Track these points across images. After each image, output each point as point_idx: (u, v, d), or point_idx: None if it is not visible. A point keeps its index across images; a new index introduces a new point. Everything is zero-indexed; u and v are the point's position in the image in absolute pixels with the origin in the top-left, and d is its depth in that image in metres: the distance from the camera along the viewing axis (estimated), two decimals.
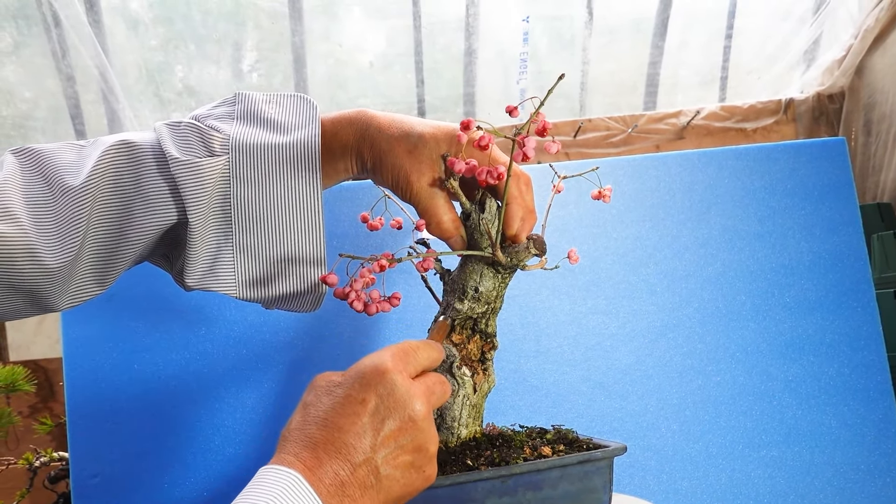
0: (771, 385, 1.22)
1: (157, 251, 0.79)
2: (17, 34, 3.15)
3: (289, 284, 0.77)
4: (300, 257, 0.76)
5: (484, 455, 0.81)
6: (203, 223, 0.73)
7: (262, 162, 0.74)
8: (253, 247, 0.75)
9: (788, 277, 1.26)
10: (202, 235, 0.73)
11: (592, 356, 1.23)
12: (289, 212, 0.75)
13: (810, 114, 3.34)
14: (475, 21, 3.28)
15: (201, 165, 0.73)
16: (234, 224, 0.74)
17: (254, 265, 0.76)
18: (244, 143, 0.74)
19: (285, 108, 0.80)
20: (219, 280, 0.75)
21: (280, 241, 0.75)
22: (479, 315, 0.86)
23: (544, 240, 0.83)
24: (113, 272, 0.76)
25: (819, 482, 1.19)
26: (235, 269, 0.75)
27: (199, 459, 1.20)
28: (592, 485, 0.78)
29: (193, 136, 0.75)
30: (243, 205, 0.74)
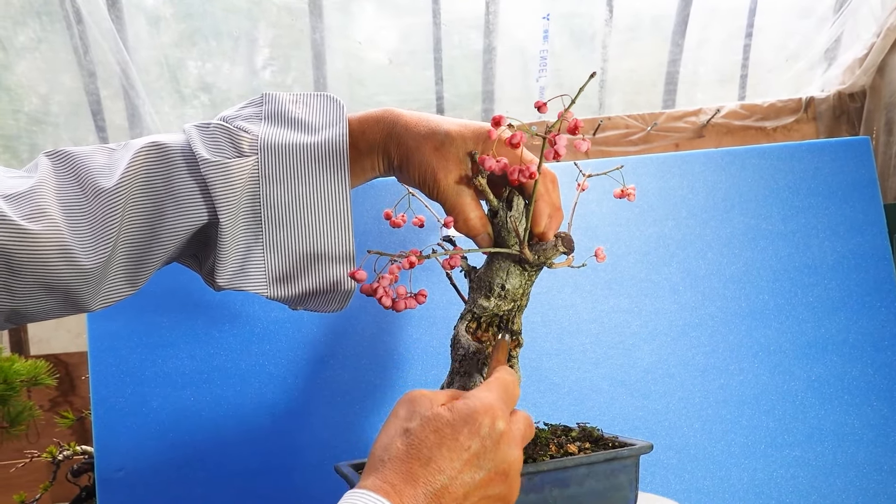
0: (793, 385, 1.22)
1: (186, 251, 0.80)
2: (40, 30, 3.17)
3: (318, 282, 0.78)
4: (330, 255, 0.77)
5: None
6: (233, 223, 0.74)
7: (291, 161, 0.75)
8: (283, 245, 0.76)
9: (811, 277, 1.25)
10: (232, 235, 0.74)
11: (614, 355, 1.23)
12: (318, 210, 0.76)
13: (831, 112, 3.32)
14: (495, 18, 3.28)
15: (231, 166, 0.74)
16: (264, 223, 0.75)
17: (284, 264, 0.76)
18: (273, 143, 0.75)
19: (312, 107, 0.81)
20: (249, 279, 0.76)
21: (310, 239, 0.76)
22: (505, 312, 0.86)
23: (572, 237, 0.83)
24: (145, 272, 0.77)
25: (842, 482, 1.19)
26: (266, 268, 0.76)
27: (222, 454, 1.21)
28: (619, 482, 0.78)
29: (223, 137, 0.76)
30: (273, 204, 0.75)
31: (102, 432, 1.21)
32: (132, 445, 1.21)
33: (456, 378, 0.87)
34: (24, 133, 3.32)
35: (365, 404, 1.23)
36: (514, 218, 0.83)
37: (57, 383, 2.24)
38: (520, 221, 0.83)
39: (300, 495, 1.20)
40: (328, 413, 1.22)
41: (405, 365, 1.23)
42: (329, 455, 1.20)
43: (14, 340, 3.30)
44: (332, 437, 1.21)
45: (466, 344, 0.86)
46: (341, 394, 1.23)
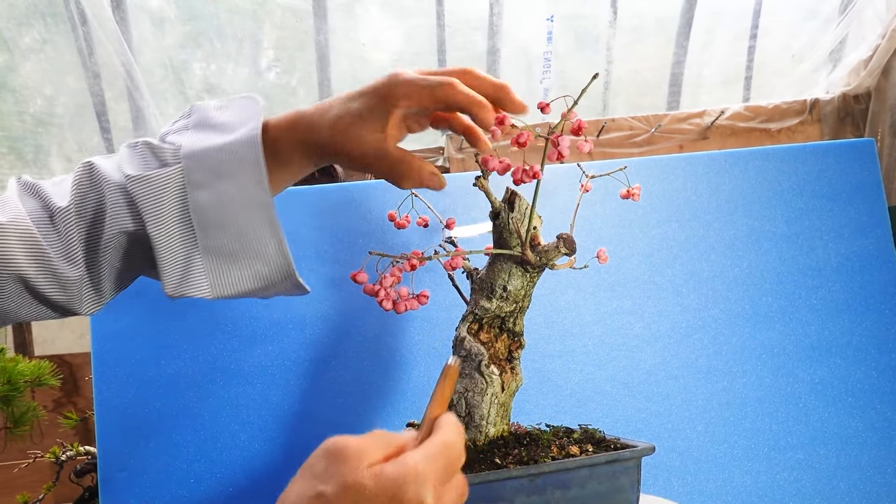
0: (797, 387, 1.22)
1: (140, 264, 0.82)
2: (45, 31, 3.18)
3: (257, 279, 0.79)
4: (264, 251, 0.78)
5: (512, 454, 0.81)
6: (166, 233, 0.75)
7: (212, 164, 0.76)
8: (218, 247, 0.76)
9: (815, 279, 1.25)
10: (168, 245, 0.75)
11: (617, 356, 1.23)
12: (243, 207, 0.76)
13: (836, 114, 3.31)
14: (498, 20, 3.28)
15: (153, 177, 0.75)
16: (197, 228, 0.76)
17: (223, 265, 0.77)
18: (194, 149, 0.76)
19: (232, 110, 0.81)
20: (193, 285, 0.77)
21: (241, 237, 0.76)
22: (506, 314, 0.87)
23: (573, 239, 0.83)
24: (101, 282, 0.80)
25: (845, 485, 1.19)
26: (207, 271, 0.77)
27: (224, 455, 1.21)
28: (620, 484, 0.78)
29: (148, 152, 0.78)
30: (202, 208, 0.75)
31: (105, 432, 1.21)
32: (134, 446, 1.21)
33: (461, 379, 0.87)
34: (30, 134, 3.33)
35: (367, 405, 1.23)
36: (516, 219, 0.83)
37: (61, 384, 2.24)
38: (521, 223, 0.83)
39: None
40: (330, 414, 1.22)
41: (407, 366, 1.23)
42: None
43: (18, 341, 3.30)
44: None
45: (468, 345, 0.86)
46: (344, 395, 1.23)
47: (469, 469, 0.79)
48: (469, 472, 0.78)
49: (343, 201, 1.27)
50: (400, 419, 1.22)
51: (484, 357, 0.85)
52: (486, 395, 0.85)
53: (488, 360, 0.85)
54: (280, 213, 1.25)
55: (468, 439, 0.86)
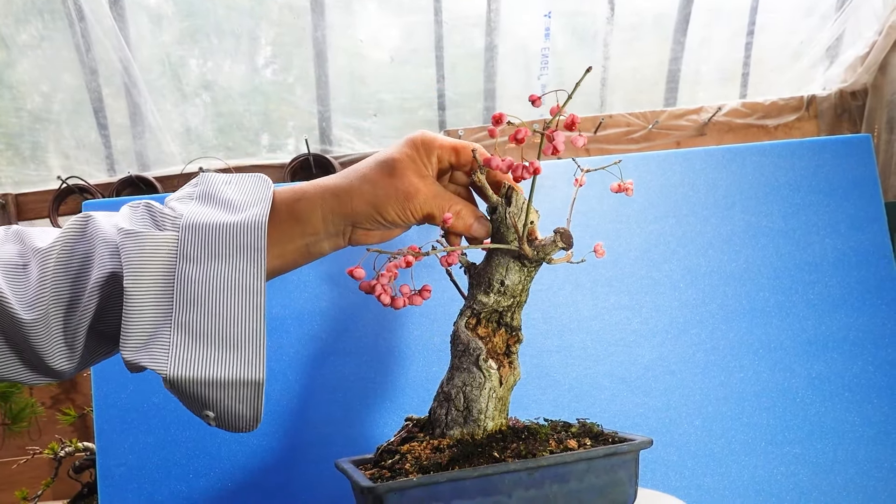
0: (794, 382, 1.22)
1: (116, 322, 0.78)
2: (43, 28, 3.17)
3: (226, 369, 0.73)
4: (239, 342, 0.74)
5: (510, 448, 0.81)
6: (142, 294, 0.72)
7: (210, 241, 0.74)
8: (192, 326, 0.73)
9: (812, 274, 1.25)
10: (139, 307, 0.72)
11: (615, 351, 1.24)
12: (232, 293, 0.73)
13: (833, 111, 3.32)
14: (496, 17, 3.28)
15: (145, 236, 0.73)
16: (175, 300, 0.73)
17: (190, 344, 0.73)
18: (194, 221, 0.75)
19: (243, 187, 0.80)
20: (152, 356, 0.72)
21: (220, 322, 0.73)
22: (504, 308, 0.87)
23: (570, 233, 0.84)
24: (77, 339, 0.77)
25: (842, 479, 1.19)
26: (171, 347, 0.72)
27: (224, 450, 1.21)
28: (618, 478, 0.79)
29: (146, 214, 0.77)
30: (187, 282, 0.73)
31: (104, 428, 1.22)
32: (134, 441, 1.21)
33: (455, 374, 0.88)
34: (27, 131, 3.33)
35: (366, 400, 1.23)
36: (514, 214, 0.83)
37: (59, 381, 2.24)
38: (519, 217, 0.83)
39: (301, 490, 1.20)
40: (329, 408, 1.23)
41: (406, 361, 1.24)
42: (330, 450, 1.21)
43: None
44: (333, 433, 1.22)
45: (466, 340, 0.86)
46: (342, 390, 1.23)
47: (467, 463, 0.79)
48: (467, 466, 0.78)
49: None
50: (398, 414, 1.23)
51: (482, 351, 0.85)
52: (484, 389, 0.85)
53: (486, 354, 0.85)
54: None
55: (466, 433, 0.86)
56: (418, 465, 0.80)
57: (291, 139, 3.52)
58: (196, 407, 0.76)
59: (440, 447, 0.85)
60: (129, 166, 3.42)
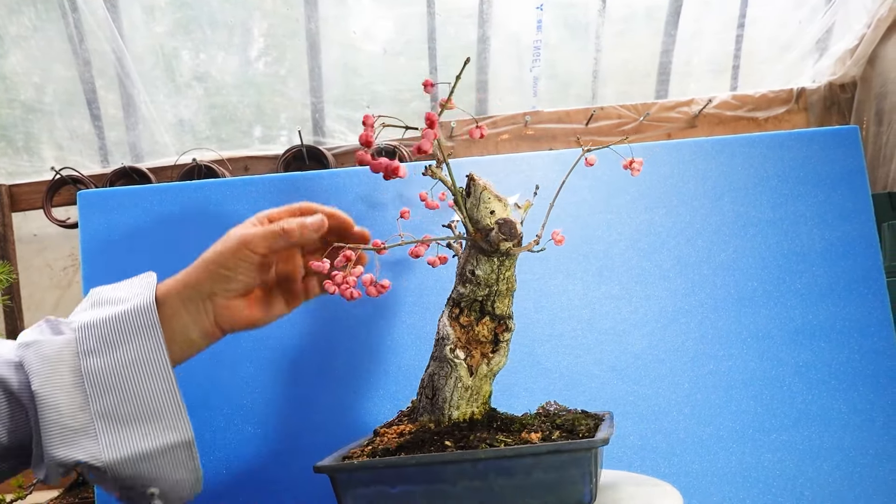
0: (781, 370, 1.24)
1: (16, 435, 0.79)
2: (35, 18, 3.17)
3: (157, 440, 0.77)
4: (159, 412, 0.77)
5: (471, 437, 0.82)
6: (53, 394, 0.74)
7: (105, 332, 0.77)
8: (112, 411, 0.76)
9: (800, 264, 1.27)
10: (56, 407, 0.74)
11: (605, 340, 1.25)
12: (139, 372, 0.76)
13: (822, 103, 3.34)
14: (489, 9, 3.29)
15: (45, 343, 0.76)
16: (89, 392, 0.75)
17: (115, 428, 0.76)
18: (88, 321, 0.78)
19: (127, 286, 0.84)
20: (82, 447, 0.75)
21: (137, 401, 0.76)
22: (483, 298, 0.87)
23: (514, 223, 0.83)
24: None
25: (828, 466, 1.21)
26: (97, 435, 0.75)
27: (218, 437, 1.23)
28: (570, 475, 0.77)
29: (46, 326, 0.80)
30: (95, 374, 0.76)
31: None
32: None
33: (431, 362, 0.89)
34: (20, 122, 3.33)
35: (358, 389, 1.24)
36: (473, 205, 0.83)
37: None
38: (477, 208, 0.83)
39: (296, 479, 1.22)
40: (321, 398, 1.24)
41: (399, 350, 1.25)
42: (324, 439, 1.22)
43: (10, 329, 3.31)
44: (326, 421, 1.23)
45: (441, 329, 0.87)
46: (334, 379, 1.24)
47: (416, 450, 0.81)
48: (416, 453, 0.80)
49: (333, 187, 1.29)
50: (390, 403, 1.24)
51: (450, 341, 0.86)
52: (450, 378, 0.86)
53: (454, 344, 0.86)
54: (269, 199, 1.27)
55: (432, 420, 0.87)
56: (377, 449, 0.82)
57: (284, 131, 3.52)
58: (137, 488, 0.78)
59: (404, 433, 0.87)
60: (122, 157, 3.42)
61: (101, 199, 1.29)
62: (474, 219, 0.83)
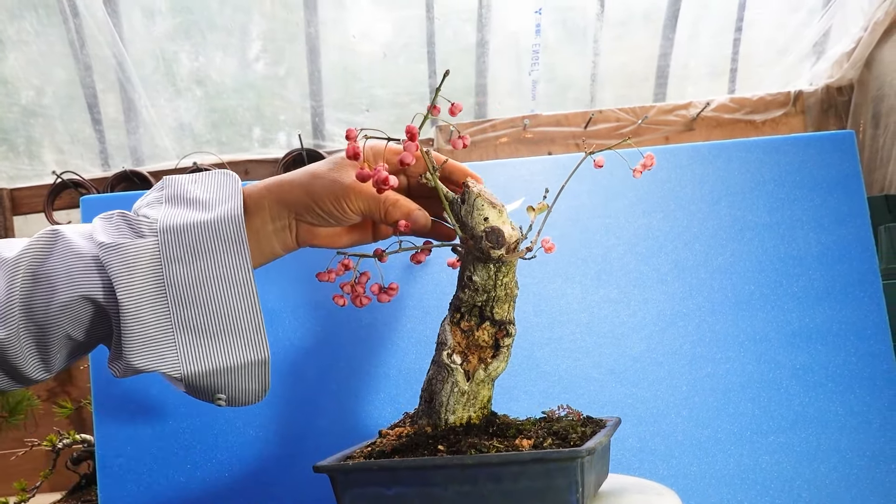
0: (779, 373, 1.25)
1: (96, 334, 0.80)
2: (37, 23, 3.18)
3: (233, 357, 0.78)
4: (239, 329, 0.78)
5: (463, 442, 0.82)
6: (137, 304, 0.74)
7: (190, 240, 0.76)
8: (192, 323, 0.76)
9: (796, 268, 1.28)
10: (138, 316, 0.74)
11: (604, 344, 1.26)
12: (222, 285, 0.76)
13: (819, 106, 3.35)
14: (487, 12, 3.30)
15: (128, 247, 0.75)
16: (171, 302, 0.75)
17: (195, 340, 0.76)
18: (171, 224, 0.77)
19: (209, 185, 0.82)
20: (161, 358, 0.76)
21: (218, 314, 0.76)
22: (482, 303, 0.88)
23: (501, 231, 0.83)
24: (53, 353, 0.79)
25: (825, 467, 1.22)
26: (177, 347, 0.76)
27: (221, 440, 1.23)
28: (555, 484, 0.77)
29: (123, 224, 0.78)
30: (177, 283, 0.75)
31: (103, 419, 1.24)
32: (132, 432, 1.23)
33: (431, 366, 0.90)
34: (21, 125, 3.34)
35: (360, 392, 1.25)
36: (467, 212, 0.84)
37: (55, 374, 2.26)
38: (470, 215, 0.84)
39: (298, 481, 1.23)
40: (324, 400, 1.25)
41: (400, 353, 1.26)
42: (326, 441, 1.23)
43: None
44: (328, 424, 1.24)
45: (441, 334, 0.88)
46: (337, 381, 1.25)
47: (410, 453, 0.81)
48: (409, 456, 0.81)
49: None
50: (393, 406, 1.25)
51: (447, 346, 0.87)
52: (446, 383, 0.86)
53: (451, 349, 0.87)
54: None
55: (429, 424, 0.88)
56: (375, 451, 0.83)
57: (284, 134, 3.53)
58: (207, 395, 0.79)
59: (402, 435, 0.87)
60: (123, 161, 3.43)
61: (104, 205, 1.30)
62: (468, 226, 0.84)
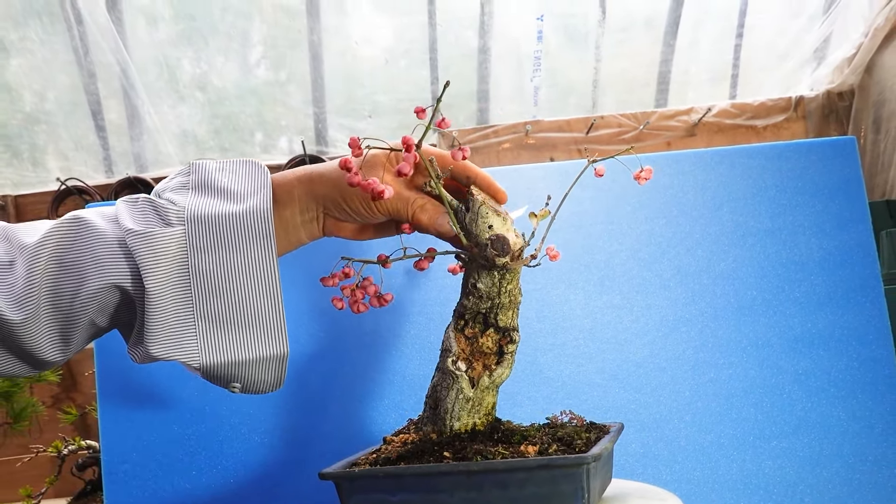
0: (781, 378, 1.25)
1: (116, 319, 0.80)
2: (41, 31, 3.19)
3: (253, 350, 0.78)
4: (260, 323, 0.78)
5: (468, 448, 0.82)
6: (161, 291, 0.74)
7: (218, 231, 0.76)
8: (214, 314, 0.76)
9: (798, 273, 1.28)
10: (162, 303, 0.75)
11: (607, 349, 1.26)
12: (247, 279, 0.76)
13: (820, 111, 3.35)
14: (490, 19, 3.30)
15: (157, 235, 0.75)
16: (194, 292, 0.75)
17: (216, 331, 0.77)
18: (199, 213, 0.77)
19: (238, 175, 0.82)
20: (181, 348, 0.76)
21: (241, 307, 0.77)
22: (486, 310, 0.88)
23: (506, 239, 0.83)
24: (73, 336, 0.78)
25: (827, 473, 1.22)
26: (198, 336, 0.76)
27: (226, 446, 1.24)
28: (561, 490, 0.78)
29: (150, 210, 0.78)
30: (202, 273, 0.75)
31: (108, 425, 1.24)
32: (137, 438, 1.24)
33: (436, 373, 0.90)
34: (25, 132, 3.35)
35: (364, 398, 1.26)
36: (472, 219, 0.85)
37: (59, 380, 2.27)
38: (475, 222, 0.85)
39: (303, 488, 1.23)
40: (329, 406, 1.25)
41: (404, 359, 1.26)
42: (330, 447, 1.23)
43: None
44: (334, 430, 1.24)
45: (445, 341, 0.89)
46: (341, 388, 1.26)
47: (415, 460, 0.82)
48: (414, 462, 0.81)
49: None
50: (397, 412, 1.25)
51: (451, 353, 0.87)
52: (451, 390, 0.87)
53: (456, 356, 0.87)
54: None
55: (434, 431, 0.88)
56: (380, 458, 0.84)
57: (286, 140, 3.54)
58: (222, 382, 0.80)
59: (407, 442, 0.88)
60: (126, 167, 3.44)
61: None
62: (472, 233, 0.84)
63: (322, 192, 0.83)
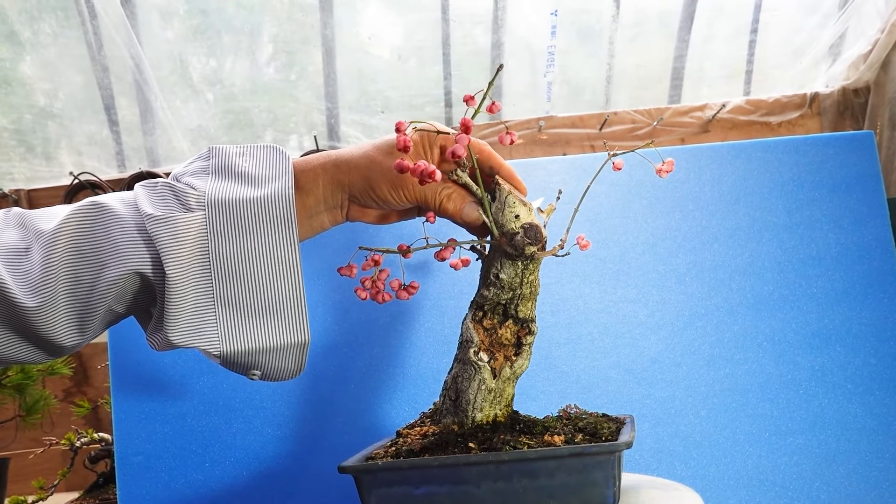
0: (798, 374, 1.24)
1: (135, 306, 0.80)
2: (56, 25, 3.20)
3: (273, 337, 0.77)
4: (281, 309, 0.77)
5: (494, 439, 0.82)
6: (182, 277, 0.74)
7: (239, 217, 0.75)
8: (234, 301, 0.75)
9: (815, 268, 1.27)
10: (182, 290, 0.74)
11: (622, 344, 1.26)
12: (268, 265, 0.76)
13: (835, 108, 3.34)
14: (503, 14, 3.30)
15: (177, 220, 0.74)
16: (214, 279, 0.74)
17: (237, 318, 0.76)
18: (219, 198, 0.76)
19: (258, 159, 0.81)
20: (201, 335, 0.75)
21: (261, 294, 0.76)
22: (506, 301, 0.88)
23: (539, 228, 0.83)
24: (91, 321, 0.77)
25: (844, 469, 1.21)
26: (218, 323, 0.75)
27: (239, 439, 1.24)
28: (593, 478, 0.77)
29: (169, 194, 0.76)
30: (223, 259, 0.75)
31: (121, 417, 1.24)
32: (151, 430, 1.24)
33: (455, 364, 0.89)
34: (39, 127, 3.36)
35: (378, 392, 1.25)
36: (498, 209, 0.84)
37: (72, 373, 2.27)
38: (502, 212, 0.84)
39: (316, 480, 1.23)
40: (342, 400, 1.25)
41: (418, 353, 1.26)
42: (343, 440, 1.23)
43: None
44: (345, 423, 1.24)
45: (465, 332, 0.88)
46: (355, 381, 1.26)
47: (440, 452, 0.81)
48: (439, 454, 0.80)
49: None
50: (411, 406, 1.25)
51: (473, 344, 0.87)
52: (473, 381, 0.86)
53: (478, 347, 0.87)
54: None
55: (455, 423, 0.88)
56: (401, 450, 0.83)
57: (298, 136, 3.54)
58: (242, 369, 0.79)
59: (427, 434, 0.87)
60: (139, 162, 3.45)
61: None
62: (499, 223, 0.84)
63: (348, 180, 0.82)
